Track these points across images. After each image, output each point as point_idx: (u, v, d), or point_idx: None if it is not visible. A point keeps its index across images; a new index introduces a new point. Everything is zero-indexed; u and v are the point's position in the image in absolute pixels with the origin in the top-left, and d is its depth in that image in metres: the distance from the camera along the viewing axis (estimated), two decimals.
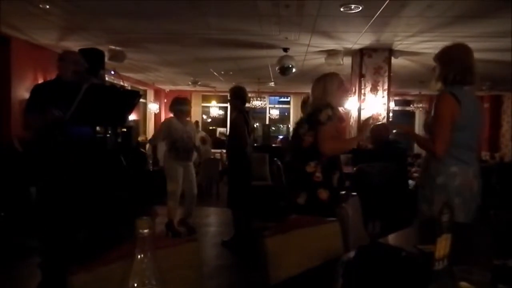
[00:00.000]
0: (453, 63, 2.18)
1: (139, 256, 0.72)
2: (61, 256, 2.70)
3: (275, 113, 12.47)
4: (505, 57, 6.03)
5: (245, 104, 4.36)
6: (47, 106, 2.56)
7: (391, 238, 1.72)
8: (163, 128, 4.57)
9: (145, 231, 0.72)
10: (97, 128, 3.09)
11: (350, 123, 6.45)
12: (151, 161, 6.81)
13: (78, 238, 2.86)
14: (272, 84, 9.86)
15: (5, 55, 5.59)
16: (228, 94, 4.38)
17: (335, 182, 2.42)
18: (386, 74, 5.96)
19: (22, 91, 5.64)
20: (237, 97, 4.26)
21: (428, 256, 1.04)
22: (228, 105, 12.34)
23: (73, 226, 2.78)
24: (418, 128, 11.45)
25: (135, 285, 0.72)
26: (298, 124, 2.58)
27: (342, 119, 2.50)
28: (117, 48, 6.02)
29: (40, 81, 5.89)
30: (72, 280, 1.00)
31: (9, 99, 5.60)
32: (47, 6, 4.25)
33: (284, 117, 13.10)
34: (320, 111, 2.34)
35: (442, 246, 1.04)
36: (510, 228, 1.25)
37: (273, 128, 12.56)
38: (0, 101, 5.62)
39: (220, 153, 8.92)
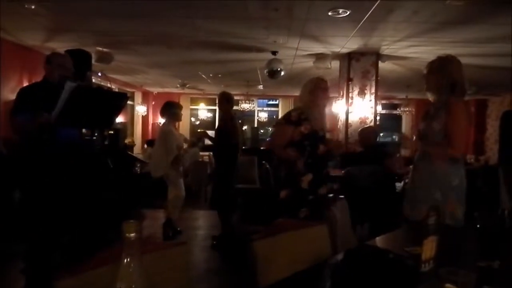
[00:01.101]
0: (454, 76, 2.23)
1: (126, 260, 0.72)
2: (45, 261, 2.65)
3: (263, 116, 12.49)
4: (490, 62, 6.16)
5: (232, 107, 4.55)
6: (36, 109, 2.52)
7: (379, 240, 1.73)
8: (170, 136, 4.51)
9: (132, 234, 0.72)
10: (84, 130, 3.04)
11: (338, 126, 6.49)
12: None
13: (64, 242, 2.81)
14: (260, 87, 9.88)
15: None
16: (217, 99, 4.51)
17: (304, 185, 2.43)
18: (374, 78, 6.02)
19: (8, 93, 5.53)
20: (228, 102, 4.40)
21: (415, 258, 1.05)
22: (216, 107, 12.35)
23: (58, 229, 2.73)
24: (405, 131, 11.62)
25: None
26: None
27: (301, 124, 2.47)
28: (105, 49, 5.96)
29: (26, 82, 5.79)
30: (58, 285, 0.98)
31: None
32: (33, 7, 4.19)
33: (272, 120, 13.10)
34: (289, 111, 2.46)
35: (429, 248, 1.06)
36: (495, 231, 1.27)
37: (261, 131, 12.56)
38: None
39: (209, 155, 8.88)
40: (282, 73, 6.15)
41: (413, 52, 5.76)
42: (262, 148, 9.58)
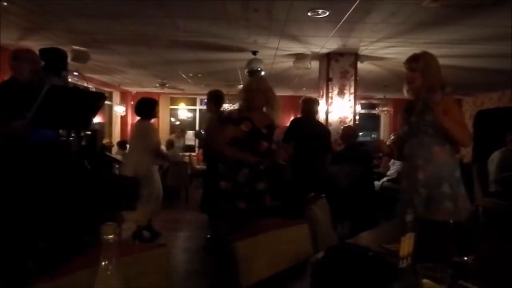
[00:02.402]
0: (437, 74, 2.25)
1: (103, 263, 0.70)
2: (21, 265, 2.58)
3: None
4: (463, 62, 6.34)
5: (222, 106, 4.54)
6: (6, 109, 2.45)
7: (360, 238, 1.76)
8: (150, 132, 4.42)
9: (110, 237, 0.70)
10: (60, 131, 2.97)
11: None
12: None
13: (40, 246, 2.74)
14: (241, 86, 9.86)
15: None
16: (207, 97, 4.45)
17: (241, 178, 2.56)
18: (353, 78, 6.10)
19: None
20: (217, 100, 4.37)
21: (394, 255, 1.08)
22: (197, 107, 12.29)
23: (34, 233, 2.66)
24: (383, 130, 11.83)
25: None
26: None
27: (241, 123, 2.57)
28: (81, 48, 5.83)
29: None
30: None
31: None
32: (5, 4, 4.06)
33: None
34: (229, 111, 2.56)
35: (406, 244, 1.08)
36: (469, 226, 1.31)
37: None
38: None
39: (189, 156, 8.82)
40: (263, 73, 6.14)
41: (391, 52, 5.87)
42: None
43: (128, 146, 5.47)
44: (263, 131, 2.63)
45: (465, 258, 1.26)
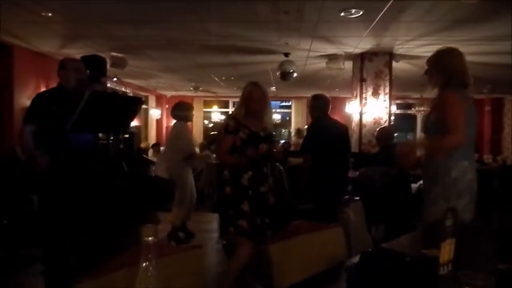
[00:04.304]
0: (449, 69, 2.20)
1: (144, 264, 0.73)
2: (64, 264, 2.70)
3: (276, 117, 12.48)
4: (505, 60, 6.03)
5: None
6: (50, 115, 2.58)
7: (396, 243, 1.71)
8: (181, 135, 4.51)
9: (150, 238, 0.73)
10: (100, 134, 3.09)
11: (352, 127, 6.43)
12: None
13: (81, 245, 2.86)
14: (273, 89, 9.87)
15: (7, 63, 5.62)
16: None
17: (245, 181, 2.65)
18: (387, 78, 5.96)
19: (24, 99, 5.66)
20: None
21: (433, 261, 1.04)
22: (229, 110, 12.42)
23: (75, 233, 2.78)
24: (420, 131, 11.46)
25: None
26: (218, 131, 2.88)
27: (239, 131, 2.66)
28: (119, 54, 6.05)
29: (43, 88, 5.91)
30: None
31: (11, 107, 5.62)
32: (50, 14, 4.28)
33: (285, 122, 13.10)
34: (227, 122, 2.70)
35: (447, 251, 1.04)
36: None
37: (274, 132, 12.59)
38: (2, 109, 5.64)
39: None
40: (295, 74, 6.13)
41: (427, 51, 5.67)
42: (274, 150, 9.58)
43: (162, 148, 5.63)
44: (261, 134, 2.76)
45: (511, 265, 1.20)
